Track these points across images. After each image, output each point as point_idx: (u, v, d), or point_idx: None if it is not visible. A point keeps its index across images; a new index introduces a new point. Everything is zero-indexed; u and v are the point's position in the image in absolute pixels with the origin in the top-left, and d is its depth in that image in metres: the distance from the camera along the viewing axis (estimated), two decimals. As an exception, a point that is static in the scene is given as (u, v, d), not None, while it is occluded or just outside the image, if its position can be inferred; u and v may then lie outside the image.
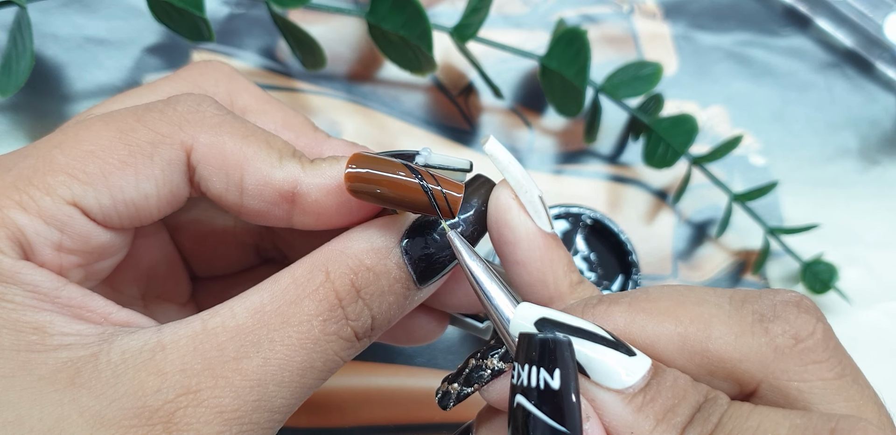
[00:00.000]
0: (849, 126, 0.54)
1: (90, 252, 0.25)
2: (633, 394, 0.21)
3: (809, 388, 0.22)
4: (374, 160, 0.24)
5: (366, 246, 0.25)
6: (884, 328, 0.51)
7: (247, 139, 0.25)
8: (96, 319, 0.24)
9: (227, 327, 0.23)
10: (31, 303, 0.22)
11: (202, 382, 0.22)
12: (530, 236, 0.25)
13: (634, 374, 0.21)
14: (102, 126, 0.25)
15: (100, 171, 0.24)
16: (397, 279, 0.25)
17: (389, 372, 0.44)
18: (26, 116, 0.43)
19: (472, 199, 0.27)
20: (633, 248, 0.44)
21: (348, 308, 0.24)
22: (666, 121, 0.47)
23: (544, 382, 0.20)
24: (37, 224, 0.23)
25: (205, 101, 0.26)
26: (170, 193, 0.26)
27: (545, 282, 0.26)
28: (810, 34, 0.56)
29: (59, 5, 0.45)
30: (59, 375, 0.21)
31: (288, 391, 0.23)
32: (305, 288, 0.24)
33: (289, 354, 0.23)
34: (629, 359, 0.21)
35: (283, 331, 0.23)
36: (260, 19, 0.48)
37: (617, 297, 0.24)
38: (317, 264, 0.24)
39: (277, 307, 0.23)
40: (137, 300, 0.31)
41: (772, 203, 0.52)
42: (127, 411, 0.21)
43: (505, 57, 0.50)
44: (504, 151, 0.26)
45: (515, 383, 0.21)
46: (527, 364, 0.20)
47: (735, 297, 0.24)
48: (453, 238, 0.24)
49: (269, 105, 0.31)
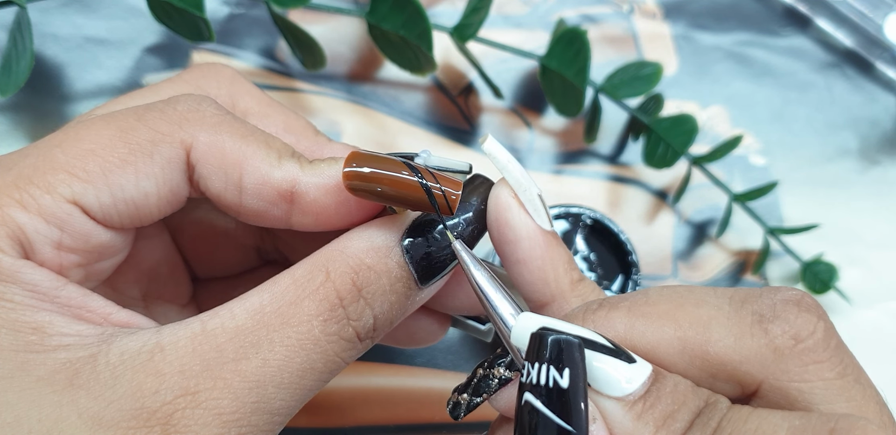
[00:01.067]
0: (849, 126, 0.54)
1: (90, 251, 0.25)
2: (633, 401, 0.21)
3: (810, 388, 0.22)
4: (373, 158, 0.24)
5: (366, 245, 0.25)
6: (884, 328, 0.51)
7: (246, 139, 0.25)
8: (96, 320, 0.24)
9: (226, 329, 0.23)
10: (30, 302, 0.22)
11: (201, 384, 0.22)
12: (530, 235, 0.25)
13: (634, 381, 0.21)
14: (103, 125, 0.25)
15: (100, 170, 0.24)
16: (398, 278, 0.25)
17: (389, 372, 0.44)
18: (26, 116, 0.43)
19: (472, 199, 0.27)
20: (633, 248, 0.44)
21: (349, 308, 0.24)
22: (666, 121, 0.47)
23: (553, 381, 0.20)
24: (37, 222, 0.23)
25: (205, 101, 0.26)
26: (170, 192, 0.25)
27: (546, 280, 0.26)
28: (810, 34, 0.56)
29: (59, 5, 0.45)
30: (58, 376, 0.21)
31: (287, 393, 0.23)
32: (305, 288, 0.24)
33: (288, 355, 0.23)
34: (629, 366, 0.21)
35: (283, 331, 0.23)
36: (260, 19, 0.48)
37: (617, 301, 0.24)
38: (317, 264, 0.24)
39: (277, 308, 0.23)
40: (138, 301, 0.31)
41: (772, 203, 0.52)
42: (125, 413, 0.21)
43: (505, 57, 0.50)
44: (503, 150, 0.26)
45: (524, 381, 0.21)
46: (537, 362, 0.20)
47: (735, 297, 0.24)
48: (458, 248, 0.24)
49: (270, 108, 0.31)
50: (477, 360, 0.45)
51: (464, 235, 0.26)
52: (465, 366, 0.45)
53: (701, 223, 0.51)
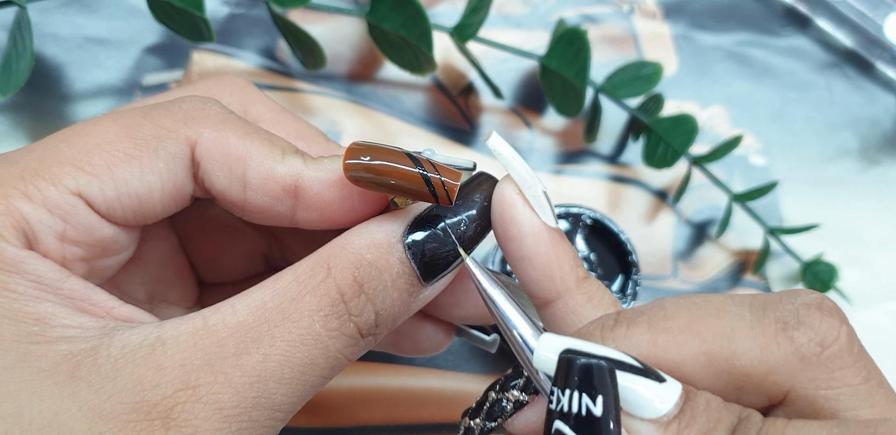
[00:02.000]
0: (849, 126, 0.54)
1: (94, 245, 0.25)
2: (668, 422, 0.21)
3: (837, 395, 0.21)
4: (374, 148, 0.24)
5: (367, 241, 0.25)
6: (884, 328, 0.51)
7: (250, 136, 0.26)
8: (98, 313, 0.24)
9: (227, 324, 0.23)
10: (33, 293, 0.22)
11: (201, 378, 0.22)
12: (535, 231, 0.25)
13: (668, 401, 0.21)
14: (110, 122, 0.25)
15: (105, 163, 0.24)
16: (400, 274, 0.25)
17: (389, 372, 0.44)
18: (26, 116, 0.43)
19: (475, 196, 0.27)
20: (633, 248, 0.44)
21: (350, 303, 0.24)
22: (666, 121, 0.47)
23: (586, 409, 0.20)
24: (41, 213, 0.23)
25: (209, 100, 0.27)
26: (174, 188, 0.26)
27: (552, 277, 0.25)
28: (810, 34, 0.56)
29: (59, 5, 0.45)
30: (59, 367, 0.21)
31: (288, 388, 0.23)
32: (307, 284, 0.24)
33: (289, 351, 0.23)
34: (660, 386, 0.21)
35: (284, 326, 0.23)
36: (260, 19, 0.48)
37: (633, 315, 0.24)
38: (319, 261, 0.24)
39: (279, 304, 0.23)
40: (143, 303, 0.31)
41: (772, 203, 0.52)
42: (126, 406, 0.21)
43: (505, 57, 0.50)
44: (507, 147, 0.25)
45: (554, 409, 0.20)
46: (567, 389, 0.20)
47: (755, 304, 0.23)
48: (472, 267, 0.24)
49: (282, 115, 0.32)
50: (477, 361, 0.45)
51: (467, 233, 0.26)
52: (465, 366, 0.45)
53: (701, 223, 0.51)
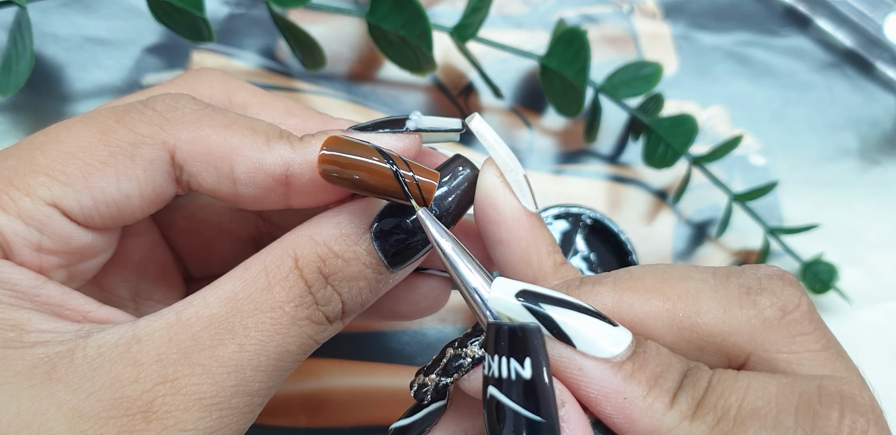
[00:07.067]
0: (849, 126, 0.54)
1: (72, 253, 0.25)
2: (621, 362, 0.21)
3: (798, 359, 0.22)
4: (349, 144, 0.24)
5: (335, 232, 0.25)
6: (884, 328, 0.51)
7: (230, 129, 0.25)
8: (75, 317, 0.24)
9: (200, 317, 0.23)
10: (9, 301, 0.23)
11: (179, 371, 0.22)
12: (515, 215, 0.25)
13: (620, 343, 0.21)
14: (83, 127, 0.25)
15: (80, 172, 0.24)
16: (367, 265, 0.25)
17: (389, 372, 0.44)
18: (26, 116, 0.43)
19: (457, 173, 0.26)
20: (633, 248, 0.44)
21: (318, 294, 0.24)
22: (666, 121, 0.47)
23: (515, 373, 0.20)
24: (16, 224, 0.23)
25: (182, 98, 0.26)
26: (153, 193, 0.26)
27: (529, 261, 0.26)
28: (810, 34, 0.56)
29: (59, 5, 0.45)
30: (36, 370, 0.22)
31: (265, 375, 0.23)
32: (276, 275, 0.24)
33: (263, 340, 0.23)
34: (613, 329, 0.22)
35: (256, 317, 0.23)
36: (260, 19, 0.48)
37: (600, 277, 0.24)
38: (287, 250, 0.24)
39: (249, 294, 0.24)
40: (128, 301, 0.31)
41: (772, 203, 0.52)
42: (105, 403, 0.21)
43: (505, 57, 0.50)
44: (489, 130, 0.26)
45: (487, 375, 0.20)
46: (496, 355, 0.20)
47: (718, 272, 0.24)
48: (423, 217, 0.23)
49: (268, 97, 0.31)
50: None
51: (445, 216, 0.26)
52: (465, 366, 0.45)
53: (701, 223, 0.51)
